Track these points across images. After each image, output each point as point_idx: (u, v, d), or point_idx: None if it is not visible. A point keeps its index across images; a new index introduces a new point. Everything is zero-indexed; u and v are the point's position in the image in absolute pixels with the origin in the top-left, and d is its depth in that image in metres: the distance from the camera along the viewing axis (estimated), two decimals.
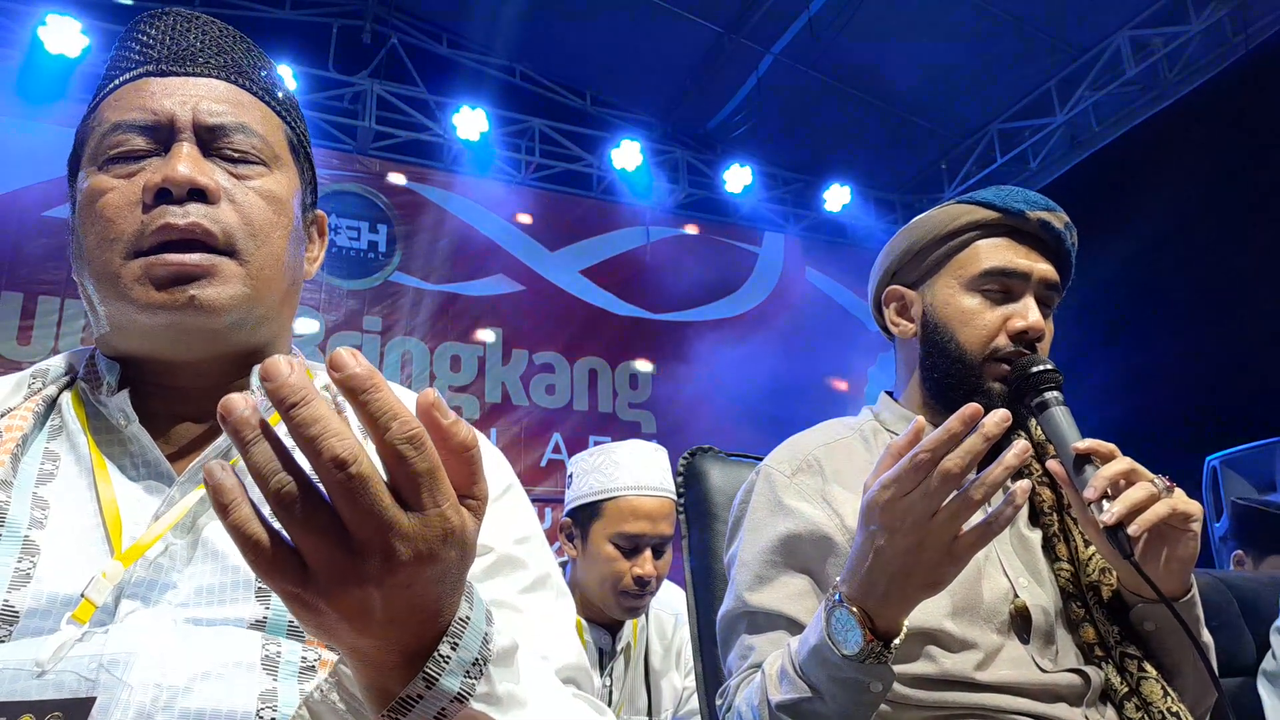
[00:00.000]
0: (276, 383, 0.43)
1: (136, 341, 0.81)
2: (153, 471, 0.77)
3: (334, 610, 0.47)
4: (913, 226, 1.31)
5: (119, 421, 0.79)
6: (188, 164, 0.79)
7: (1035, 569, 1.18)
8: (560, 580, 0.85)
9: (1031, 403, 1.13)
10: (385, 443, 0.45)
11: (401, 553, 0.45)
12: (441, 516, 0.46)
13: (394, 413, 0.44)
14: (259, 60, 0.91)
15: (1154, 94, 5.95)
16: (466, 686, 0.51)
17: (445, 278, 6.27)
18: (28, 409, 0.79)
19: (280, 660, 0.66)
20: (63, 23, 5.32)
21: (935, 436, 0.88)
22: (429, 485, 0.46)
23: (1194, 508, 1.00)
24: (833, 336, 7.05)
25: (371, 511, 0.44)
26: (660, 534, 2.10)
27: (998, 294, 1.23)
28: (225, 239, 0.79)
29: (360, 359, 0.45)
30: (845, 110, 6.57)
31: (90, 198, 0.81)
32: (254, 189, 0.83)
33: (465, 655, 0.51)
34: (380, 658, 0.50)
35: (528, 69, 6.78)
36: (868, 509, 0.94)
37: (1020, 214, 1.23)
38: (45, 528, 0.71)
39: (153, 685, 0.61)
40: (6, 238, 5.22)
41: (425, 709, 0.50)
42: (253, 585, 0.69)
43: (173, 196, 0.78)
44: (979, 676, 1.06)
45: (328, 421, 0.44)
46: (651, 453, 2.21)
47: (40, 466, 0.76)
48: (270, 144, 0.86)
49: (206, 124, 0.82)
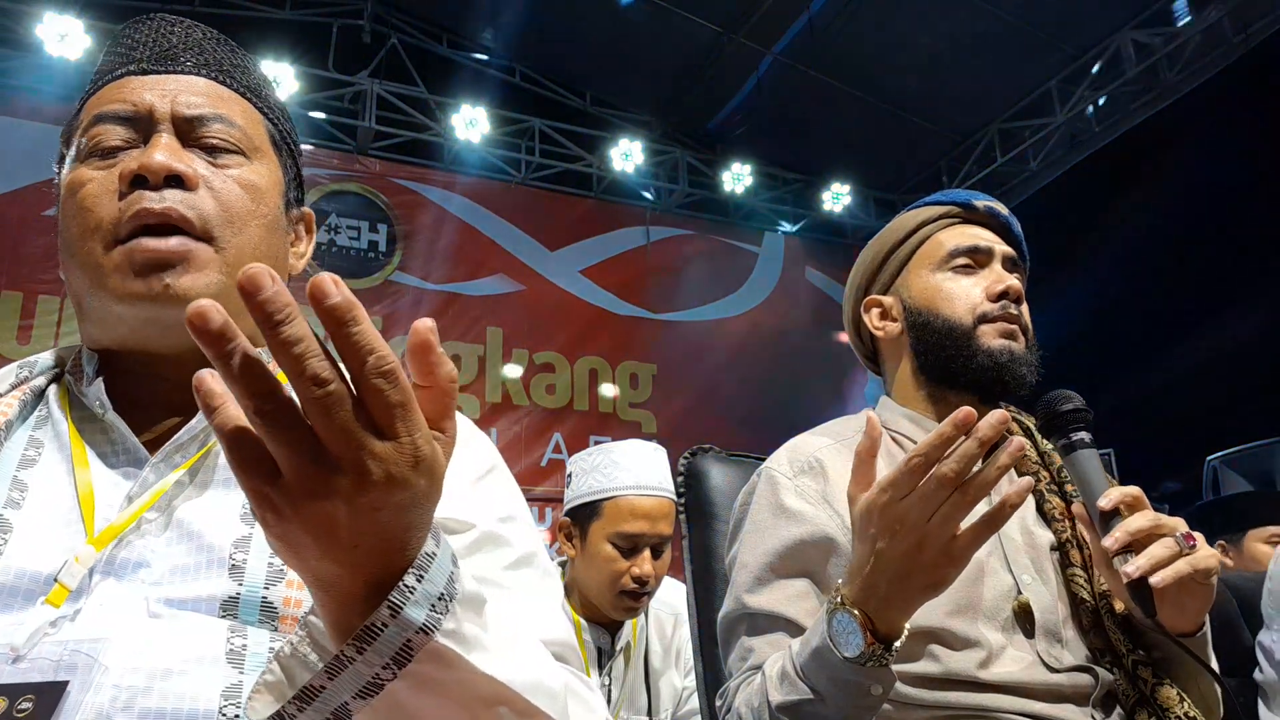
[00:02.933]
0: (262, 296, 0.43)
1: (119, 334, 0.82)
2: (130, 458, 0.78)
3: (300, 520, 0.47)
4: (870, 244, 1.40)
5: (96, 410, 0.79)
6: (164, 152, 0.80)
7: (1041, 567, 1.18)
8: (546, 560, 0.85)
9: (1058, 444, 1.12)
10: (362, 374, 0.45)
11: (374, 471, 0.46)
12: (413, 444, 0.47)
13: (371, 346, 0.45)
14: (243, 60, 0.92)
15: (1154, 94, 5.95)
16: (432, 620, 0.50)
17: (445, 278, 6.27)
18: (14, 397, 0.80)
19: (246, 653, 0.66)
20: (62, 22, 5.32)
21: (928, 441, 0.89)
22: (402, 415, 0.47)
23: (1213, 564, 1.00)
24: (832, 336, 7.05)
25: (346, 428, 0.45)
26: (659, 534, 2.09)
27: (969, 269, 1.28)
28: (202, 225, 0.80)
29: (342, 287, 0.45)
30: (845, 110, 6.57)
31: (71, 190, 0.82)
32: (232, 177, 0.84)
33: (430, 588, 0.50)
34: (344, 586, 0.50)
35: (527, 69, 6.78)
36: (865, 512, 0.94)
37: (968, 203, 1.31)
38: (21, 508, 0.72)
39: (110, 686, 0.61)
40: (6, 237, 5.22)
41: (390, 639, 0.49)
42: (225, 564, 0.69)
43: (149, 183, 0.79)
44: (982, 675, 1.06)
45: (310, 341, 0.44)
46: (651, 453, 2.20)
47: (23, 452, 0.77)
48: (250, 135, 0.87)
49: (185, 115, 0.83)
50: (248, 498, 0.48)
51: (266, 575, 0.69)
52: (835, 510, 1.17)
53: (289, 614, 0.69)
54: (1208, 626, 1.10)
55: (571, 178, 6.85)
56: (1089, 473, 1.08)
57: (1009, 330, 1.23)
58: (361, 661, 0.49)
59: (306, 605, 0.68)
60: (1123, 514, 1.02)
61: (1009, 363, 1.21)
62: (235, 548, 0.71)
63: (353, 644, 0.49)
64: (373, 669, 0.49)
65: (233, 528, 0.72)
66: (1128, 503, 1.02)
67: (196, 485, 0.76)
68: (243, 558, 0.70)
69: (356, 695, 0.50)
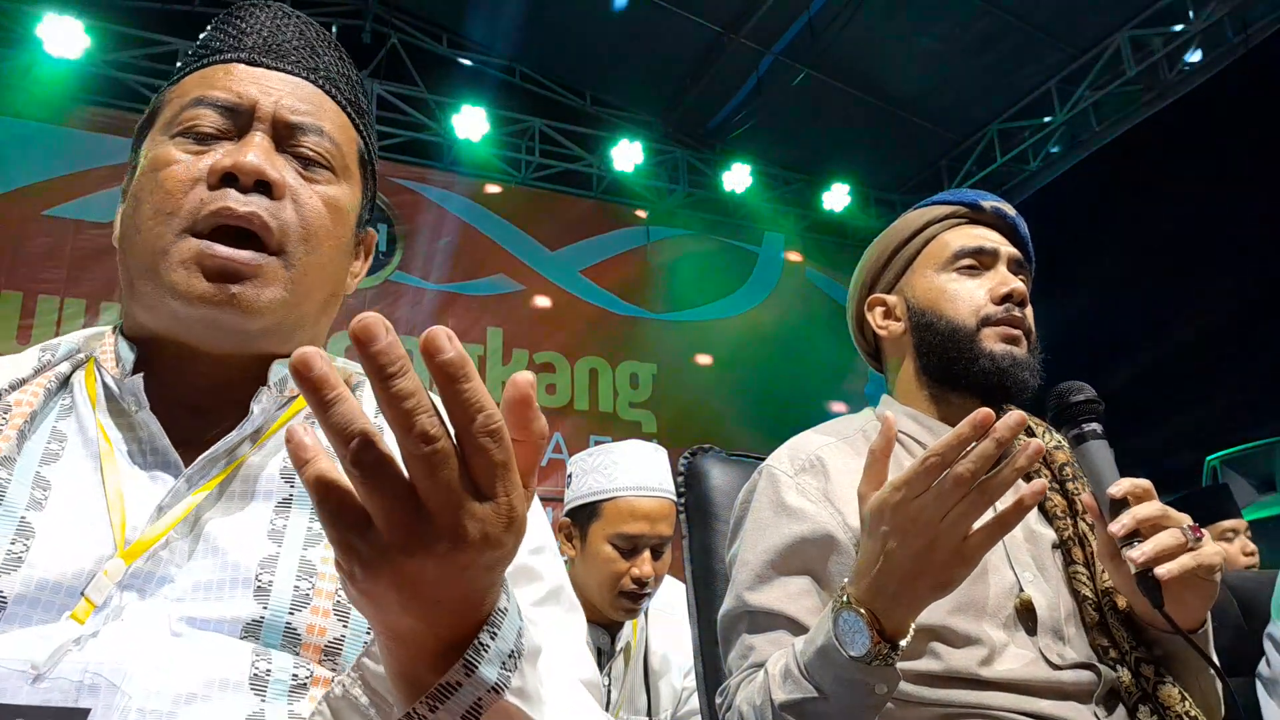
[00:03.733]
0: (375, 348, 0.43)
1: (166, 324, 0.79)
2: (160, 460, 0.75)
3: (389, 575, 0.46)
4: (876, 241, 1.39)
5: (129, 405, 0.77)
6: (259, 154, 0.78)
7: (1043, 565, 1.18)
8: (571, 593, 0.84)
9: (1069, 435, 1.12)
10: (469, 432, 0.45)
11: (471, 532, 0.46)
12: (509, 505, 0.47)
13: (481, 404, 0.45)
14: (348, 69, 0.90)
15: (1154, 94, 5.95)
16: (503, 678, 0.50)
17: (445, 278, 6.27)
18: (39, 384, 0.78)
19: (270, 679, 0.64)
20: (62, 23, 5.32)
21: (945, 441, 0.89)
22: (503, 475, 0.46)
23: (1218, 560, 1.00)
24: (833, 336, 7.05)
25: (450, 487, 0.45)
26: (659, 535, 2.09)
27: (973, 270, 1.27)
28: (279, 236, 0.78)
29: (455, 342, 0.44)
30: (845, 110, 6.57)
31: (155, 165, 0.79)
32: (319, 193, 0.82)
33: (503, 646, 0.51)
34: (418, 641, 0.50)
35: (528, 69, 6.78)
36: (877, 511, 0.94)
37: (975, 203, 1.31)
38: (44, 510, 0.69)
39: (135, 710, 0.60)
40: (6, 237, 5.22)
41: (462, 698, 0.49)
42: (251, 584, 0.68)
43: (239, 183, 0.77)
44: (984, 673, 1.06)
45: (422, 396, 0.44)
46: (651, 453, 2.20)
47: (46, 446, 0.74)
48: (343, 153, 0.85)
49: (286, 120, 0.81)
50: (335, 550, 0.47)
51: (292, 600, 0.68)
52: (836, 508, 1.17)
53: (312, 642, 0.67)
54: (1209, 625, 1.10)
55: (571, 178, 6.85)
56: (1099, 464, 1.08)
57: (1011, 335, 1.23)
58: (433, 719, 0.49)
59: (331, 634, 0.68)
60: (1131, 505, 1.02)
61: (1010, 367, 1.21)
62: (261, 568, 0.69)
63: (425, 702, 0.49)
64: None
65: (260, 546, 0.70)
66: (1137, 494, 1.02)
67: (225, 500, 0.74)
68: (269, 579, 0.68)
69: None
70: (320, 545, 0.71)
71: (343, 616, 0.69)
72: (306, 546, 0.71)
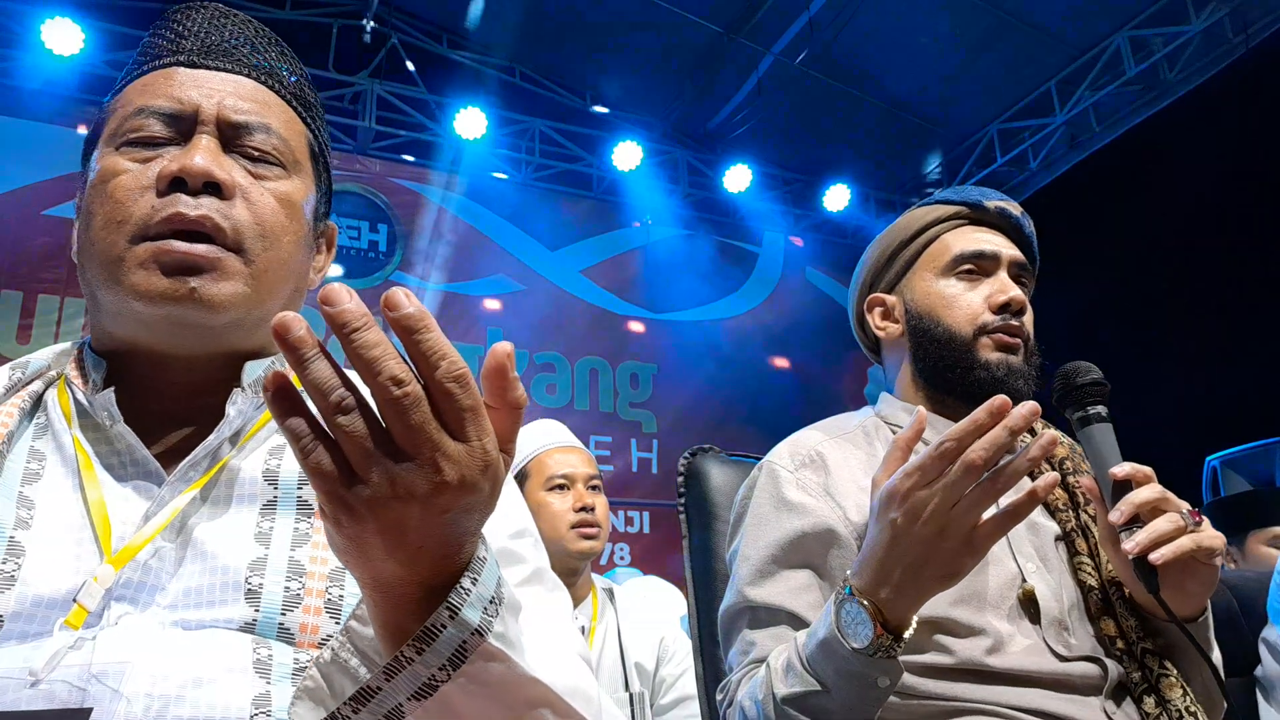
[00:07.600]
0: (339, 307, 0.45)
1: (131, 330, 0.79)
2: (141, 471, 0.75)
3: (373, 520, 0.48)
4: (879, 238, 1.38)
5: (104, 420, 0.77)
6: (205, 156, 0.78)
7: (1045, 556, 1.18)
8: (554, 575, 0.85)
9: (1073, 416, 1.11)
10: (434, 379, 0.47)
11: (447, 473, 0.47)
12: (483, 448, 0.48)
13: (443, 352, 0.47)
14: (291, 64, 0.90)
15: (1154, 94, 5.95)
16: (485, 621, 0.51)
17: (445, 278, 6.27)
18: (14, 405, 0.77)
19: (272, 664, 0.65)
20: (62, 23, 5.32)
21: (961, 427, 0.89)
22: (473, 419, 0.48)
23: (1217, 543, 1.00)
24: (833, 336, 7.05)
25: (423, 429, 0.46)
26: (585, 471, 2.28)
27: (973, 275, 1.27)
28: (234, 236, 0.78)
29: (413, 299, 0.46)
30: (845, 110, 6.57)
31: (103, 177, 0.79)
32: (270, 190, 0.82)
33: (484, 591, 0.52)
34: (401, 589, 0.51)
35: (528, 69, 6.78)
36: (888, 498, 0.94)
37: (979, 204, 1.30)
38: (31, 528, 0.69)
39: (143, 695, 0.60)
40: (6, 237, 5.22)
41: (448, 640, 0.50)
42: (241, 587, 0.68)
43: (187, 187, 0.77)
44: (990, 662, 1.05)
45: (386, 345, 0.46)
46: (551, 423, 2.46)
47: (26, 466, 0.74)
48: (292, 148, 0.85)
49: (230, 120, 0.81)
50: (321, 501, 0.49)
51: (283, 601, 0.68)
52: (837, 503, 1.17)
53: (305, 639, 0.68)
54: (1210, 613, 1.09)
55: (571, 178, 6.85)
56: (1103, 446, 1.07)
57: (1008, 343, 1.23)
58: (420, 662, 0.50)
59: (323, 631, 0.68)
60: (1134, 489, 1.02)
61: (1006, 376, 1.21)
62: (251, 570, 0.69)
63: (412, 645, 0.50)
64: (430, 670, 0.50)
65: (247, 549, 0.70)
66: (1138, 479, 1.02)
67: (209, 504, 0.74)
68: (259, 581, 0.69)
69: (412, 697, 0.51)
70: (307, 545, 0.72)
71: (334, 614, 0.69)
72: (294, 547, 0.71)
